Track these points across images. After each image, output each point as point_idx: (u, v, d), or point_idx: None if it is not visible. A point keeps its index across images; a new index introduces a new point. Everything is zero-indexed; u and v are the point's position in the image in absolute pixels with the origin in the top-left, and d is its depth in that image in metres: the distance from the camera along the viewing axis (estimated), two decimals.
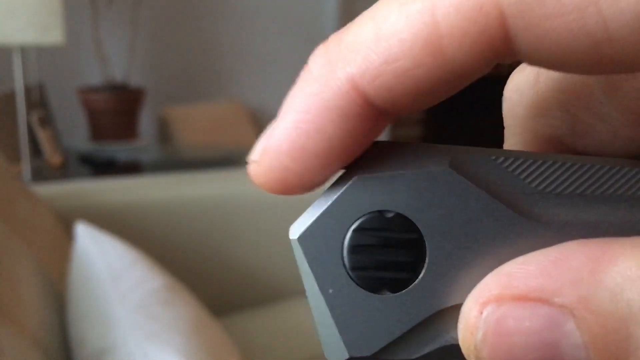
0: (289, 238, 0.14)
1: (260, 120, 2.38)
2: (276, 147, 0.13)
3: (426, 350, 0.13)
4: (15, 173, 1.14)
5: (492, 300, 0.12)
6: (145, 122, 2.16)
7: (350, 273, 0.13)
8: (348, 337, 0.13)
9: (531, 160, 0.13)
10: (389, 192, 0.13)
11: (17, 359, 0.63)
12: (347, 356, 0.13)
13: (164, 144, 2.14)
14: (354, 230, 0.13)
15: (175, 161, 2.02)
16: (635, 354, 0.11)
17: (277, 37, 2.34)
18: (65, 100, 2.01)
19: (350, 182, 0.13)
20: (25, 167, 1.61)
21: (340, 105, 0.13)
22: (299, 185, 0.13)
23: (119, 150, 1.93)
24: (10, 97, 1.64)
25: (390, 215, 0.13)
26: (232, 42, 2.29)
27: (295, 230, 0.14)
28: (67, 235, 0.97)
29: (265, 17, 2.31)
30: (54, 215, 1.06)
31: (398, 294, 0.13)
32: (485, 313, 0.12)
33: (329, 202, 0.14)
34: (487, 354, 0.12)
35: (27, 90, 1.65)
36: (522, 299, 0.12)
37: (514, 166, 0.13)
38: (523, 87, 0.16)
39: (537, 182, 0.13)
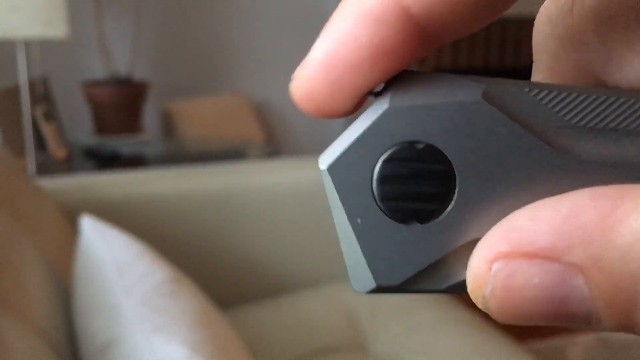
0: (318, 171, 0.14)
1: (264, 114, 2.38)
2: (313, 58, 0.13)
3: (453, 281, 0.13)
4: (20, 167, 1.15)
5: (501, 257, 0.12)
6: (150, 115, 2.16)
7: (379, 203, 0.13)
8: (376, 267, 0.13)
9: (565, 93, 0.13)
10: (420, 122, 0.13)
11: (23, 352, 0.63)
12: (374, 285, 0.14)
13: (168, 137, 2.14)
14: (384, 161, 0.13)
15: (179, 155, 2.02)
16: None
17: (281, 30, 2.33)
18: (69, 94, 2.01)
19: (381, 112, 0.13)
20: (30, 161, 1.61)
21: (376, 12, 0.13)
22: (330, 103, 0.13)
23: (123, 144, 1.93)
24: (15, 91, 1.64)
25: (421, 146, 0.13)
26: (236, 36, 2.28)
27: (325, 159, 0.14)
28: (72, 228, 0.97)
29: (269, 10, 2.30)
30: (58, 208, 1.06)
31: (426, 224, 0.13)
32: (494, 268, 0.12)
33: (360, 132, 0.13)
34: (495, 307, 0.12)
35: (31, 85, 1.65)
36: (531, 256, 0.12)
37: (547, 99, 0.13)
38: (556, 17, 0.15)
39: (571, 115, 0.13)
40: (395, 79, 0.14)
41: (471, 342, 1.10)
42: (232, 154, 1.87)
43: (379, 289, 0.14)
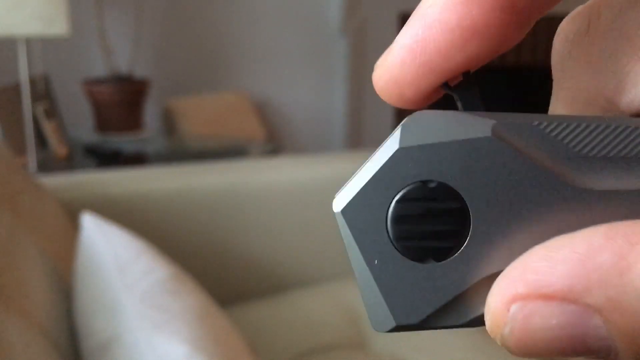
0: (331, 211, 0.14)
1: (265, 112, 2.38)
2: (400, 44, 0.13)
3: (471, 316, 0.14)
4: (21, 164, 1.15)
5: (519, 299, 0.12)
6: (151, 113, 2.16)
7: (394, 243, 0.14)
8: (395, 306, 0.14)
9: (575, 124, 0.13)
10: (431, 161, 0.13)
11: (23, 349, 0.63)
12: (394, 324, 0.14)
13: (169, 135, 2.14)
14: (398, 201, 0.13)
15: (180, 152, 2.02)
16: None
17: (282, 28, 2.33)
18: (70, 92, 2.01)
19: (391, 153, 0.13)
20: (31, 158, 1.61)
21: None
22: (415, 89, 0.13)
23: (124, 142, 1.93)
24: (16, 88, 1.64)
25: (433, 185, 0.13)
26: (238, 33, 2.28)
27: (339, 203, 0.14)
28: (73, 225, 0.97)
29: (271, 8, 2.30)
30: (59, 206, 1.06)
31: (443, 262, 0.13)
32: (512, 310, 0.12)
33: (372, 174, 0.14)
34: (514, 345, 0.12)
35: (32, 82, 1.65)
36: (549, 298, 0.12)
37: (557, 131, 0.13)
38: (572, 37, 0.15)
39: (580, 145, 0.13)
40: (406, 118, 0.14)
41: (471, 340, 1.10)
42: (233, 151, 1.87)
43: (398, 328, 0.14)
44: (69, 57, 2.05)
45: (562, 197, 0.13)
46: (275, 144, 2.21)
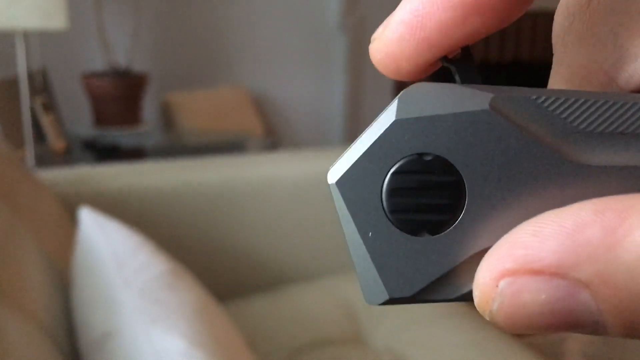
0: (327, 183, 0.14)
1: (263, 106, 2.37)
2: (399, 19, 0.13)
3: (465, 290, 0.14)
4: (18, 158, 1.15)
5: (508, 274, 0.12)
6: (149, 107, 2.15)
7: (389, 216, 0.13)
8: (388, 279, 0.14)
9: (572, 99, 0.13)
10: (428, 134, 0.13)
11: (22, 343, 0.63)
12: (387, 297, 0.14)
13: (167, 129, 2.14)
14: (393, 174, 0.13)
15: (178, 147, 2.02)
16: None
17: (281, 23, 2.33)
18: (68, 86, 2.01)
19: (388, 125, 0.13)
20: (29, 152, 1.61)
21: None
22: (413, 63, 0.13)
23: (123, 136, 1.93)
24: (14, 82, 1.64)
25: (429, 157, 0.13)
26: (236, 28, 2.28)
27: (333, 174, 0.14)
28: (71, 220, 0.97)
29: (270, 3, 2.30)
30: (57, 200, 1.06)
31: (437, 236, 0.13)
32: (501, 285, 0.12)
33: (367, 145, 0.13)
34: (503, 320, 0.12)
35: (30, 76, 1.65)
36: (538, 273, 0.12)
37: (554, 105, 0.13)
38: (574, 11, 0.15)
39: (578, 120, 0.13)
40: (403, 90, 0.14)
41: (469, 335, 1.11)
42: (231, 146, 1.87)
43: (391, 301, 0.14)
44: (67, 51, 2.05)
45: (559, 172, 0.13)
46: (273, 139, 2.21)
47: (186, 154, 1.72)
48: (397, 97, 0.13)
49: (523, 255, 0.12)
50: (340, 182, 0.14)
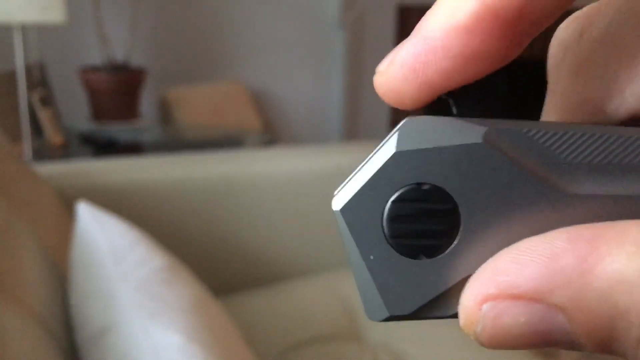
0: (330, 209, 0.15)
1: (261, 102, 2.37)
2: (401, 60, 0.14)
3: (457, 309, 0.15)
4: (16, 152, 1.14)
5: (490, 299, 0.13)
6: (146, 102, 2.15)
7: (389, 241, 0.15)
8: (388, 298, 0.15)
9: (561, 133, 0.14)
10: (426, 165, 0.14)
11: (19, 338, 0.63)
12: (387, 315, 0.15)
13: (165, 124, 2.14)
14: (393, 202, 0.14)
15: (176, 142, 2.01)
16: (618, 341, 0.12)
17: (279, 18, 2.32)
18: (66, 80, 2.01)
19: (389, 156, 0.14)
20: (27, 146, 1.61)
21: (468, 24, 0.14)
22: (415, 100, 0.15)
23: (120, 131, 1.93)
24: (11, 76, 1.63)
25: (427, 187, 0.14)
26: (235, 23, 2.27)
27: (338, 202, 0.15)
28: (69, 214, 0.97)
29: None
30: (55, 194, 1.06)
31: (434, 259, 0.14)
32: (483, 309, 0.13)
33: (370, 175, 0.15)
34: (486, 340, 0.13)
35: (28, 70, 1.64)
36: (517, 298, 0.13)
37: (544, 138, 0.14)
38: (567, 43, 0.16)
39: (566, 152, 0.14)
40: (402, 122, 0.15)
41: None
42: (229, 142, 1.87)
43: (391, 318, 0.15)
44: (65, 45, 2.05)
45: (549, 201, 0.14)
46: (271, 135, 2.21)
47: (184, 149, 1.72)
48: (397, 129, 0.14)
49: (504, 282, 0.13)
50: (344, 210, 0.15)
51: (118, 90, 1.94)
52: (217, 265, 1.25)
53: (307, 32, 2.38)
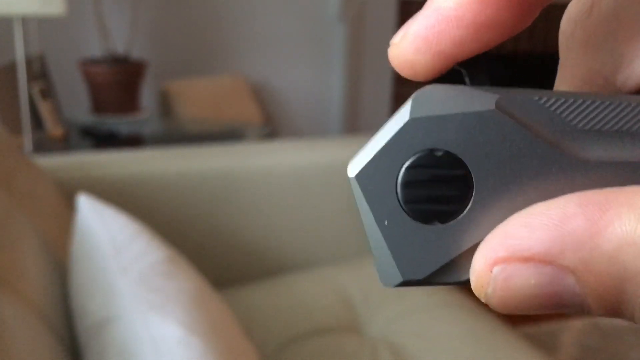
0: (347, 176, 0.15)
1: (262, 95, 2.37)
2: (415, 31, 0.15)
3: (469, 273, 0.15)
4: (16, 145, 1.14)
5: (500, 261, 0.13)
6: (147, 95, 2.15)
7: (403, 206, 0.15)
8: (402, 263, 0.15)
9: (572, 100, 0.14)
10: (439, 132, 0.15)
11: (19, 329, 0.63)
12: (400, 280, 0.15)
13: (166, 117, 2.14)
14: (407, 168, 0.15)
15: (176, 135, 2.01)
16: (626, 304, 0.13)
17: (281, 12, 2.32)
18: (66, 72, 2.00)
19: (403, 123, 0.15)
20: (27, 139, 1.60)
21: None
22: (429, 70, 0.15)
23: (121, 123, 1.92)
24: (11, 68, 1.63)
25: (440, 153, 0.15)
26: (235, 16, 2.27)
27: (353, 168, 0.15)
28: (69, 207, 0.97)
29: None
30: (55, 186, 1.06)
31: (447, 224, 0.15)
32: (494, 271, 0.13)
33: (384, 142, 0.15)
34: (496, 303, 0.14)
35: (28, 62, 1.64)
36: (527, 260, 0.13)
37: (556, 105, 0.14)
38: (577, 18, 0.16)
39: (577, 119, 0.14)
40: (416, 91, 0.15)
41: (465, 326, 1.11)
42: (230, 134, 1.87)
43: (405, 283, 0.15)
44: (65, 37, 2.04)
45: (560, 167, 0.14)
46: (272, 128, 2.21)
47: (184, 141, 1.72)
48: (411, 97, 0.15)
49: (514, 245, 0.13)
50: (359, 176, 0.15)
51: (118, 83, 1.94)
52: (217, 258, 1.25)
53: (307, 25, 2.37)
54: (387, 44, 0.15)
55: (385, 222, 0.15)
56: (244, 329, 0.82)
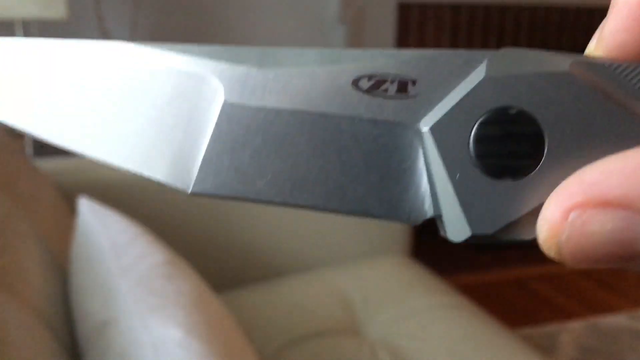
0: (419, 130, 0.15)
1: None
2: (622, 10, 0.15)
3: (538, 225, 0.15)
4: (17, 148, 1.15)
5: (577, 207, 0.13)
6: None
7: (475, 161, 0.15)
8: (471, 217, 0.15)
9: None
10: (514, 90, 0.15)
11: (20, 332, 0.64)
12: (469, 234, 0.15)
13: None
14: (481, 123, 0.15)
15: None
16: None
17: (280, 13, 2.32)
18: None
19: (478, 80, 0.15)
20: (28, 141, 1.61)
21: None
22: (633, 47, 0.15)
23: None
24: None
25: (513, 111, 0.15)
26: (235, 20, 2.27)
27: (427, 122, 0.15)
28: (70, 209, 0.97)
29: None
30: (56, 189, 1.06)
31: (518, 181, 0.15)
32: (571, 217, 0.13)
33: (459, 97, 0.15)
34: (570, 251, 0.13)
35: None
36: (605, 205, 0.13)
37: (626, 72, 0.15)
38: None
39: None
40: (492, 52, 0.15)
41: (464, 327, 1.11)
42: None
43: (473, 238, 0.15)
44: None
45: (629, 129, 0.15)
46: None
47: None
48: (487, 57, 0.15)
49: (591, 190, 0.13)
50: (433, 129, 0.15)
51: None
52: (217, 260, 1.25)
53: (307, 27, 2.38)
54: (386, 46, 0.16)
55: (457, 176, 0.15)
56: (244, 331, 0.82)
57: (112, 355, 0.65)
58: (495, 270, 2.09)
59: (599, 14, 2.55)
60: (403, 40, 2.34)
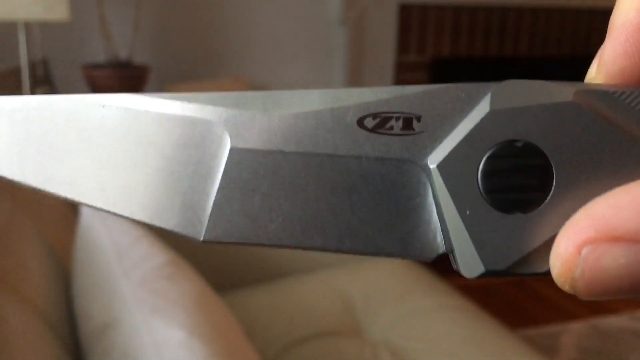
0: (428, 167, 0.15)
1: None
2: (619, 34, 0.15)
3: (551, 259, 0.15)
4: None
5: (589, 242, 0.13)
6: None
7: (485, 196, 0.15)
8: (484, 253, 0.15)
9: None
10: (519, 123, 0.15)
11: (22, 331, 0.64)
12: (483, 270, 0.15)
13: None
14: (488, 158, 0.15)
15: None
16: None
17: (282, 15, 2.33)
18: (69, 77, 2.01)
19: (483, 115, 0.15)
20: None
21: None
22: (633, 71, 0.15)
23: None
24: (15, 73, 1.64)
25: (520, 144, 0.15)
26: (237, 20, 2.28)
27: (434, 159, 0.15)
28: (72, 211, 0.98)
29: None
30: None
31: (528, 214, 0.15)
32: (584, 252, 0.13)
33: (465, 133, 0.15)
34: (584, 286, 0.13)
35: (32, 66, 1.65)
36: (617, 239, 0.13)
37: (630, 98, 0.15)
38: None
39: None
40: (495, 85, 0.15)
41: (465, 328, 1.12)
42: None
43: (487, 274, 0.15)
44: (68, 42, 2.05)
45: (638, 157, 0.15)
46: None
47: None
48: (490, 91, 0.15)
49: (603, 225, 0.13)
50: (440, 166, 0.15)
51: (121, 87, 1.95)
52: (219, 261, 1.25)
53: (309, 28, 2.38)
54: (388, 48, 0.16)
55: (467, 212, 0.15)
56: (246, 332, 0.82)
57: (115, 356, 0.66)
58: None
59: (599, 15, 2.55)
60: (404, 41, 2.34)
